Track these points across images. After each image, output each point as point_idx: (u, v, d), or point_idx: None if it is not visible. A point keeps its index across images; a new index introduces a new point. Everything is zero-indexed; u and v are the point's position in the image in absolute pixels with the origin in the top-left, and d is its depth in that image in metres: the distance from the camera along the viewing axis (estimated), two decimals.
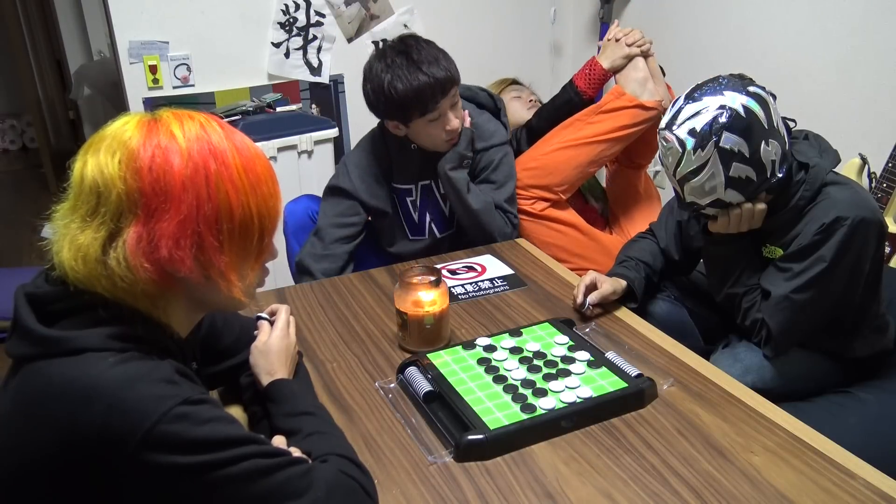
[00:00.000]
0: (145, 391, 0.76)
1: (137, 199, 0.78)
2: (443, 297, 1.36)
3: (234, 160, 0.82)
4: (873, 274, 1.42)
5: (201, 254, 0.81)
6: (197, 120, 0.84)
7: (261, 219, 0.85)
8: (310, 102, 2.90)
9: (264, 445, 0.84)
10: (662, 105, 2.01)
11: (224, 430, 0.79)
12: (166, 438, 0.74)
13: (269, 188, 0.86)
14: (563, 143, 2.01)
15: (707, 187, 1.36)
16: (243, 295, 0.87)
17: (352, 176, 1.89)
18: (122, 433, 0.73)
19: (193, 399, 0.78)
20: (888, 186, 1.92)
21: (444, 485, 1.03)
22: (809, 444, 1.09)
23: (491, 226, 1.88)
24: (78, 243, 0.79)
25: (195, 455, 0.76)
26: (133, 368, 0.78)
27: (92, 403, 0.74)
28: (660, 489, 1.01)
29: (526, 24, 3.18)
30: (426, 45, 1.74)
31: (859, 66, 2.14)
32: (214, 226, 0.81)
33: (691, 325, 1.65)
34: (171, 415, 0.75)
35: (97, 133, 0.83)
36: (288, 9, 2.72)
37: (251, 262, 0.88)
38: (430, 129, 1.79)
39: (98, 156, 0.80)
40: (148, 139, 0.80)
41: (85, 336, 0.79)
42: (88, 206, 0.79)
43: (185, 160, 0.79)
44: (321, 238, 1.87)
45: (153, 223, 0.78)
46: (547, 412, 1.14)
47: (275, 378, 1.09)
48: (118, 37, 2.54)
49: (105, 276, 0.79)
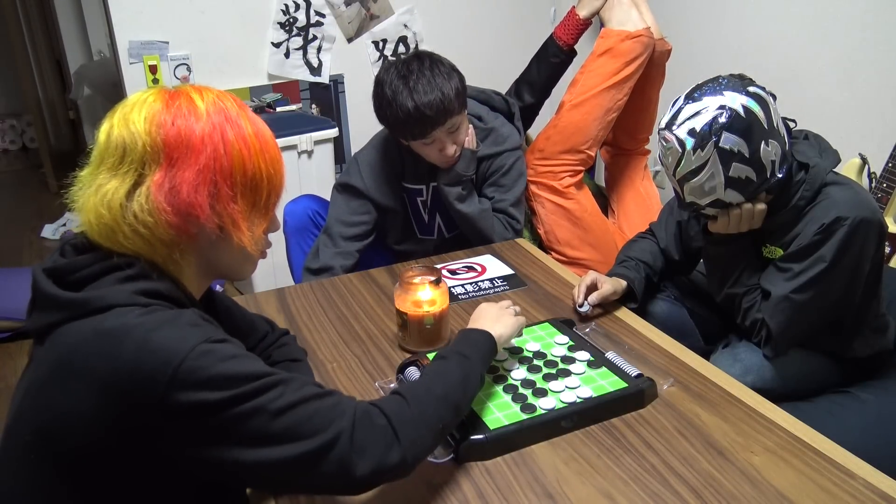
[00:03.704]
0: (171, 333, 0.80)
1: (161, 149, 0.85)
2: (443, 297, 1.36)
3: (246, 126, 0.91)
4: (873, 274, 1.42)
5: (217, 202, 0.88)
6: (213, 93, 0.92)
7: (269, 178, 0.92)
8: (310, 102, 2.90)
9: (290, 379, 0.86)
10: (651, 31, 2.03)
11: (248, 365, 0.83)
12: (193, 374, 0.77)
13: (276, 154, 0.94)
14: (575, 101, 2.04)
15: (707, 187, 1.36)
16: (252, 245, 0.92)
17: (363, 174, 1.88)
18: (153, 373, 0.77)
19: (216, 338, 0.82)
20: (888, 186, 1.92)
21: (444, 485, 1.03)
22: (809, 444, 1.09)
23: (488, 231, 1.88)
24: (104, 190, 0.85)
25: (222, 390, 0.79)
26: (159, 315, 0.82)
27: (123, 346, 0.78)
28: (660, 489, 1.01)
29: (526, 24, 3.18)
30: (430, 71, 1.68)
31: (859, 66, 2.14)
32: (229, 177, 0.88)
33: (691, 325, 1.65)
34: (197, 351, 0.79)
35: (120, 102, 0.90)
36: (288, 9, 2.72)
37: (259, 216, 0.93)
38: (425, 149, 1.79)
39: (124, 118, 0.87)
40: (171, 102, 0.87)
41: (112, 293, 0.83)
42: (114, 158, 0.86)
43: (205, 119, 0.87)
44: (331, 236, 1.86)
45: (175, 171, 0.85)
46: (547, 412, 1.14)
47: (477, 326, 1.17)
48: (118, 37, 2.54)
49: (127, 224, 0.84)
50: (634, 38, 2.01)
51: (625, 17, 2.04)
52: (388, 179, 1.89)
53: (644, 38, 2.01)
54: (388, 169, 1.89)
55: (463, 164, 1.82)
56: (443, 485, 1.03)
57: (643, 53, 2.02)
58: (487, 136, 1.90)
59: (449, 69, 1.72)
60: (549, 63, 2.18)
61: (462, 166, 1.82)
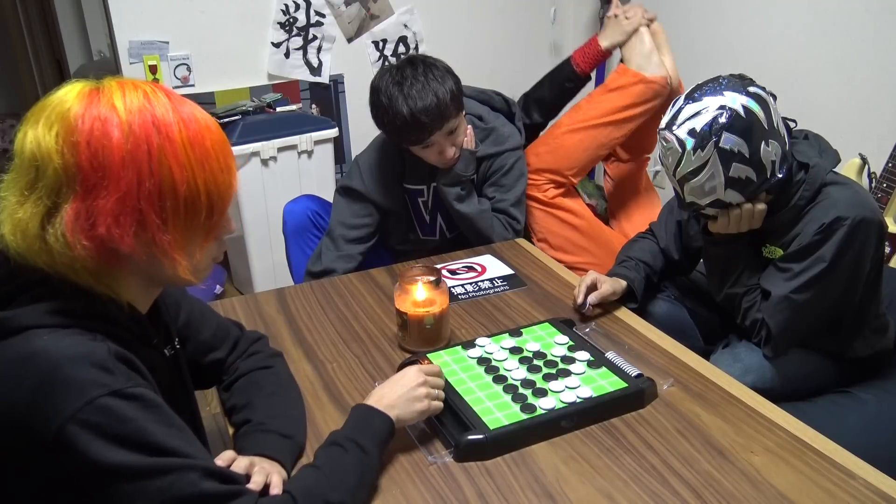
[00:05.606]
0: (73, 374, 0.73)
1: (75, 175, 0.75)
2: (443, 297, 1.36)
3: (179, 134, 0.79)
4: (873, 274, 1.42)
5: (143, 231, 0.78)
6: (141, 90, 0.80)
7: (209, 195, 0.81)
8: (310, 102, 2.90)
9: (188, 468, 0.76)
10: (669, 79, 2.01)
11: (148, 434, 0.75)
12: (85, 427, 0.72)
13: (220, 163, 0.82)
14: (572, 126, 2.01)
15: (707, 187, 1.36)
16: (190, 274, 0.84)
17: (364, 176, 1.88)
18: (46, 414, 0.72)
19: (124, 392, 0.75)
20: (888, 186, 1.92)
21: (444, 485, 1.03)
22: (809, 444, 1.09)
23: (488, 231, 1.88)
24: (17, 218, 0.77)
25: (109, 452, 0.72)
26: (66, 346, 0.75)
27: (22, 383, 0.73)
28: (660, 489, 1.01)
29: (526, 24, 3.18)
30: (424, 76, 1.67)
31: (859, 66, 2.14)
32: (157, 203, 0.77)
33: (691, 325, 1.65)
34: (95, 405, 0.72)
35: (40, 101, 0.80)
36: (288, 9, 2.73)
37: (199, 240, 0.84)
38: (424, 153, 1.79)
39: (37, 127, 0.77)
40: (88, 110, 0.77)
41: (22, 314, 0.77)
42: (27, 179, 0.77)
43: (126, 134, 0.76)
44: (333, 239, 1.87)
45: (91, 200, 0.75)
46: (547, 412, 1.14)
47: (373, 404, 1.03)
48: (118, 37, 2.54)
49: (45, 252, 0.77)
50: (648, 84, 1.98)
51: (644, 61, 2.01)
52: (388, 181, 1.90)
53: (657, 87, 1.99)
54: (389, 170, 1.90)
55: (462, 164, 1.82)
56: (443, 485, 1.03)
57: (653, 100, 2.00)
58: (488, 136, 1.89)
59: (443, 72, 1.71)
60: (561, 86, 2.15)
61: (461, 167, 1.82)
